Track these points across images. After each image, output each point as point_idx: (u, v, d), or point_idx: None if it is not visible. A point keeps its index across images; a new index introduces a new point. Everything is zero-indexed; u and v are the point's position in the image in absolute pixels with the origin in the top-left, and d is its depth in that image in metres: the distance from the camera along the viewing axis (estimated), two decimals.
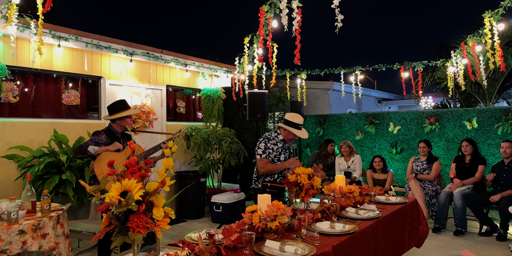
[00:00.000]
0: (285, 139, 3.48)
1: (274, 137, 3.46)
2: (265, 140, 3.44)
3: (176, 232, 5.07)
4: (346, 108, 11.30)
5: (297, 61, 3.79)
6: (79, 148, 3.36)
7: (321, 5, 3.35)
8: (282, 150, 3.47)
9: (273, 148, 3.41)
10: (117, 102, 3.65)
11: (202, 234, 2.13)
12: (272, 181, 3.42)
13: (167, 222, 1.58)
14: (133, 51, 5.59)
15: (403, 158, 6.93)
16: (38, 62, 4.65)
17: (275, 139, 3.44)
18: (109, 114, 3.62)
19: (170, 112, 6.67)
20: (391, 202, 3.28)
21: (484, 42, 4.53)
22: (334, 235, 2.25)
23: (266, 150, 3.38)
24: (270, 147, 3.40)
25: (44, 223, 2.78)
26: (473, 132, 6.22)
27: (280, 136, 3.48)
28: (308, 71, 7.33)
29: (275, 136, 3.47)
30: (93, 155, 3.41)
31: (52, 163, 4.27)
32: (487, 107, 8.15)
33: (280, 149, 3.45)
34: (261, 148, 3.40)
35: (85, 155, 3.39)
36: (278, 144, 3.44)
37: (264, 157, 3.37)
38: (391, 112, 7.32)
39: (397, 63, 6.85)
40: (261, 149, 3.40)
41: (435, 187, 5.30)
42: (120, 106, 3.60)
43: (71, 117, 5.19)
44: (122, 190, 1.48)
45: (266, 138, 3.47)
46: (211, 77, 7.22)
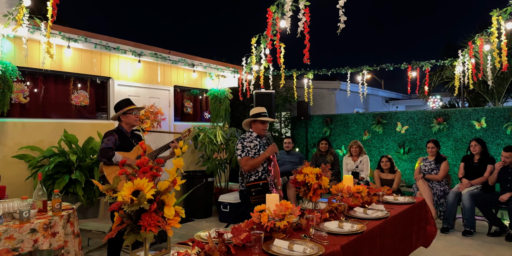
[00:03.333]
0: (258, 133, 3.58)
1: (249, 136, 3.57)
2: (241, 140, 3.56)
3: (184, 231, 5.10)
4: (353, 108, 11.26)
5: (306, 60, 3.80)
6: (105, 153, 3.29)
7: (330, 5, 3.36)
8: (260, 146, 3.56)
9: (250, 146, 3.51)
10: (121, 100, 3.64)
11: (212, 233, 2.16)
12: (257, 179, 3.49)
13: (177, 220, 1.61)
14: (141, 52, 5.64)
15: (410, 158, 6.90)
16: (48, 63, 4.72)
17: (249, 137, 3.56)
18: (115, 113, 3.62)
19: (177, 112, 6.71)
20: (399, 202, 3.28)
21: (492, 41, 4.50)
22: (342, 234, 2.26)
23: (244, 149, 3.49)
24: (247, 145, 3.50)
25: (55, 222, 2.82)
26: (482, 131, 6.17)
27: (253, 133, 3.58)
28: (315, 71, 7.33)
29: (249, 135, 3.58)
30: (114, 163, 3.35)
31: (62, 163, 4.32)
32: (496, 106, 8.08)
33: (258, 146, 3.55)
34: (239, 148, 3.51)
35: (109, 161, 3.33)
36: (254, 142, 3.55)
37: (244, 155, 3.48)
38: (398, 112, 7.29)
39: (404, 63, 6.82)
40: (239, 150, 3.50)
41: (443, 187, 5.27)
42: (124, 103, 3.58)
43: (80, 118, 5.25)
44: (134, 189, 1.51)
45: (241, 138, 3.59)
46: (218, 78, 7.25)
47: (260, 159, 3.45)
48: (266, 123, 3.57)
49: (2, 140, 4.37)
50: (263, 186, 3.43)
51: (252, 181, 3.47)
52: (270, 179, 3.57)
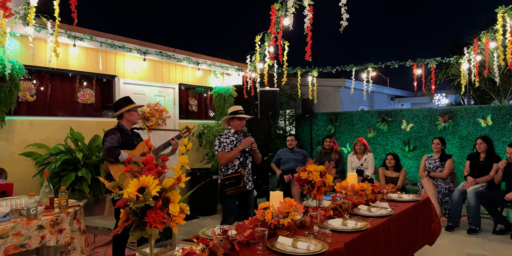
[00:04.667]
0: (235, 129, 3.81)
1: (227, 132, 3.82)
2: (218, 137, 3.82)
3: (189, 228, 5.14)
4: (358, 106, 11.23)
5: (308, 57, 3.81)
6: (112, 152, 3.31)
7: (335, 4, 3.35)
8: (237, 142, 3.78)
9: (226, 142, 3.75)
10: (121, 99, 3.64)
11: (216, 229, 2.18)
12: (234, 172, 3.72)
13: (182, 217, 1.62)
14: (146, 50, 5.67)
15: (415, 156, 6.88)
16: (54, 61, 4.76)
17: (227, 134, 3.80)
18: (114, 111, 3.60)
19: (182, 110, 6.73)
20: (403, 200, 3.28)
21: (497, 38, 4.46)
22: (346, 232, 2.27)
23: (221, 144, 3.74)
24: (223, 141, 3.75)
25: (62, 219, 2.86)
26: (488, 129, 6.14)
27: (231, 130, 3.83)
28: (320, 69, 7.32)
29: (227, 131, 3.83)
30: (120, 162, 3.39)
31: (69, 160, 4.36)
32: (502, 104, 8.03)
33: (234, 141, 3.77)
34: (217, 144, 3.76)
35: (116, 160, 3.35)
36: (231, 138, 3.78)
37: (220, 150, 3.74)
38: (403, 110, 7.27)
39: (410, 60, 6.79)
40: (216, 145, 3.75)
41: (448, 185, 5.26)
42: (126, 101, 3.59)
43: (86, 115, 5.29)
44: (139, 186, 1.52)
45: (219, 135, 3.85)
46: (222, 76, 7.26)
47: (235, 152, 3.68)
48: (243, 119, 3.81)
49: (9, 138, 4.42)
50: (236, 179, 3.68)
51: (229, 174, 3.72)
52: (246, 172, 3.82)
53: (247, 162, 3.85)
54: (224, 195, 3.73)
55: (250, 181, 3.90)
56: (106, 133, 3.45)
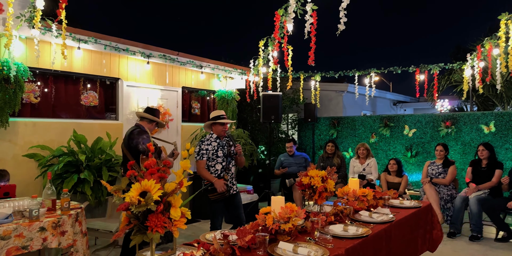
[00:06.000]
0: (218, 134, 3.81)
1: (209, 138, 3.81)
2: (200, 143, 3.80)
3: (190, 232, 5.13)
4: (361, 110, 11.23)
5: (311, 62, 3.83)
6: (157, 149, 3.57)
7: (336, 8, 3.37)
8: (219, 147, 3.78)
9: (207, 149, 3.75)
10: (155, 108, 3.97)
11: (217, 234, 2.18)
12: (217, 177, 3.73)
13: (183, 222, 1.63)
14: (150, 54, 5.69)
15: (418, 162, 6.87)
16: (58, 64, 4.79)
17: (209, 140, 3.79)
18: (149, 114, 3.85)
19: (185, 113, 6.76)
20: (405, 206, 3.27)
21: (500, 45, 4.46)
22: (347, 238, 2.27)
23: (200, 152, 3.74)
24: (204, 148, 3.75)
25: (64, 221, 2.87)
26: (491, 136, 6.13)
27: (213, 135, 3.82)
28: (323, 73, 7.33)
29: (209, 137, 3.82)
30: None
31: (71, 162, 4.38)
32: (505, 110, 8.01)
33: (216, 147, 3.77)
34: (196, 151, 3.77)
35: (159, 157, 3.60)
36: (213, 143, 3.78)
37: (198, 159, 3.75)
38: (406, 115, 7.26)
39: (413, 66, 6.79)
40: (196, 152, 3.77)
41: (451, 192, 5.24)
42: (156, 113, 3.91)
43: (90, 118, 5.32)
44: (141, 190, 1.53)
45: (200, 141, 3.83)
46: (225, 79, 7.29)
47: (208, 177, 3.70)
48: (226, 124, 3.81)
49: (13, 139, 4.45)
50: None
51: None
52: (230, 176, 3.83)
53: (230, 166, 3.86)
54: (208, 200, 3.75)
55: (234, 185, 3.91)
56: (140, 132, 3.60)
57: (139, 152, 3.46)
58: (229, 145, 3.89)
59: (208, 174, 3.73)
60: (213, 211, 3.76)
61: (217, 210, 3.74)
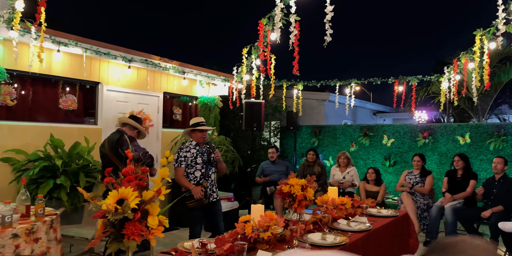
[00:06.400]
0: (197, 141, 3.81)
1: (188, 145, 3.82)
2: (179, 150, 3.82)
3: (168, 239, 5.05)
4: (342, 119, 11.38)
5: (295, 71, 3.88)
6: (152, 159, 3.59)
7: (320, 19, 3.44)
8: (198, 154, 3.78)
9: (186, 156, 3.75)
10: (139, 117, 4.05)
11: (195, 243, 2.16)
12: (195, 184, 3.72)
13: (161, 230, 1.62)
14: (132, 58, 5.64)
15: (396, 171, 6.99)
16: (37, 66, 4.69)
17: (188, 147, 3.80)
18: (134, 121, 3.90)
19: (166, 119, 6.70)
20: (382, 215, 3.32)
21: (475, 60, 4.62)
22: (325, 246, 2.29)
23: (178, 159, 3.75)
24: (182, 155, 3.75)
25: (38, 228, 2.79)
26: (466, 147, 6.30)
27: (193, 142, 3.82)
28: (305, 82, 7.41)
29: (188, 144, 3.82)
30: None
31: (47, 167, 4.27)
32: (480, 123, 8.26)
33: (195, 154, 3.78)
34: (174, 158, 3.78)
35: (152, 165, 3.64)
36: (192, 150, 3.79)
37: (177, 166, 3.75)
38: (385, 125, 7.40)
39: (392, 77, 6.94)
40: (174, 159, 3.78)
41: (427, 201, 5.35)
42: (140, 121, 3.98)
43: (68, 122, 5.21)
44: (118, 197, 1.51)
45: (179, 148, 3.85)
46: (208, 85, 7.28)
47: (186, 184, 3.69)
48: (205, 131, 3.82)
49: None
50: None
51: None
52: (209, 184, 3.81)
53: (210, 173, 3.84)
54: (186, 207, 3.72)
55: (214, 193, 3.89)
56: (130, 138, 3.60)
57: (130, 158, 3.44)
58: (209, 152, 3.88)
59: (186, 181, 3.70)
60: (191, 219, 3.72)
61: (196, 218, 3.71)
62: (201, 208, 3.71)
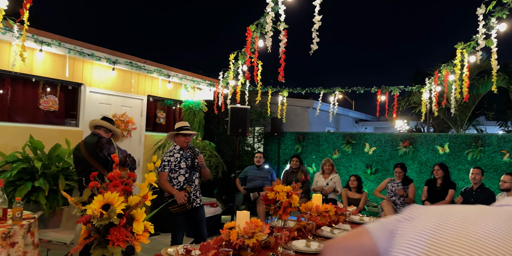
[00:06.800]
0: (180, 145, 3.79)
1: (172, 149, 3.80)
2: (164, 155, 3.78)
3: (149, 245, 4.96)
4: (325, 127, 11.49)
5: (281, 78, 3.90)
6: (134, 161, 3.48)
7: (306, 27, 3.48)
8: (181, 159, 3.76)
9: (169, 160, 3.72)
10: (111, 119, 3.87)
11: (179, 249, 2.13)
12: (179, 189, 3.68)
13: (146, 236, 1.59)
14: (116, 60, 5.57)
15: (377, 179, 7.08)
16: (17, 65, 4.57)
17: (172, 151, 3.79)
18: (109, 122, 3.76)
19: (149, 122, 6.63)
20: (364, 223, 3.35)
21: (456, 72, 4.75)
22: (309, 253, 2.29)
23: (161, 164, 3.71)
24: (166, 159, 3.72)
25: (15, 232, 2.70)
26: (445, 156, 6.44)
27: (176, 146, 3.81)
28: (290, 89, 7.47)
29: (172, 148, 3.80)
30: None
31: (26, 169, 4.15)
32: (458, 133, 8.48)
33: (178, 158, 3.76)
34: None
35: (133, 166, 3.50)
36: (176, 155, 3.77)
37: (160, 170, 3.71)
38: (367, 133, 7.51)
39: (375, 87, 7.07)
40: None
41: None
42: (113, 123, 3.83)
43: (48, 123, 5.09)
44: (104, 202, 1.48)
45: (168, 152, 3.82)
46: (193, 90, 7.25)
47: (169, 189, 3.64)
48: (188, 136, 3.79)
49: None
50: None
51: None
52: (193, 189, 3.78)
53: (194, 178, 3.82)
54: (169, 212, 3.66)
55: (198, 198, 3.85)
56: (108, 141, 3.50)
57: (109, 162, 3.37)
58: (193, 157, 3.85)
59: (169, 186, 3.66)
60: (174, 224, 3.67)
61: (178, 224, 3.66)
62: (184, 214, 3.67)
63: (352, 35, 74.21)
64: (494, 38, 3.60)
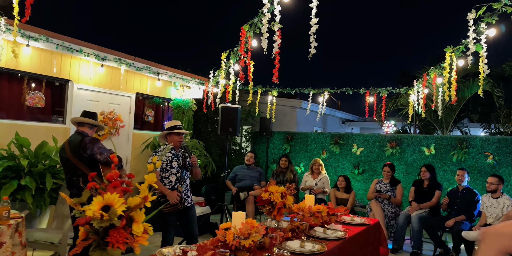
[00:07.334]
0: (174, 145, 3.74)
1: (163, 148, 3.73)
2: (153, 153, 3.72)
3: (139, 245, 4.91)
4: (313, 127, 11.55)
5: (275, 79, 3.89)
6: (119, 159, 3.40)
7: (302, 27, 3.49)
8: (173, 158, 3.74)
9: (161, 159, 3.71)
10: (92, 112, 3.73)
11: (175, 249, 2.11)
12: (170, 188, 3.66)
13: (146, 238, 1.57)
14: (105, 56, 5.48)
15: (364, 179, 7.16)
16: (3, 60, 4.45)
17: (163, 150, 3.70)
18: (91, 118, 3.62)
19: (138, 120, 6.54)
20: (356, 223, 3.38)
21: (444, 75, 4.83)
22: (304, 254, 2.30)
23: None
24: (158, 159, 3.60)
25: (2, 232, 2.64)
26: (431, 157, 6.55)
27: (168, 145, 3.74)
28: (280, 89, 7.48)
29: (163, 147, 3.74)
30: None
31: (11, 167, 4.05)
32: (444, 135, 8.63)
33: (170, 158, 3.76)
34: (149, 161, 3.66)
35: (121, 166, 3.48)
36: (168, 154, 3.76)
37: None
38: (355, 134, 7.58)
39: (363, 88, 7.14)
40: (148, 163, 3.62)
41: (394, 209, 5.51)
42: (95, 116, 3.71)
43: (34, 120, 4.98)
44: (103, 204, 1.45)
45: (154, 152, 3.77)
46: (182, 88, 7.19)
47: (160, 189, 3.60)
48: (181, 135, 3.78)
49: None
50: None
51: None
52: (184, 188, 3.75)
53: (185, 177, 3.80)
54: (160, 212, 3.61)
55: (189, 198, 3.83)
56: (93, 140, 3.40)
57: (95, 162, 3.30)
58: (185, 156, 3.81)
59: (161, 185, 3.63)
60: (165, 224, 3.64)
61: (170, 223, 3.63)
62: (175, 213, 3.64)
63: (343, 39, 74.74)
64: (483, 42, 3.67)
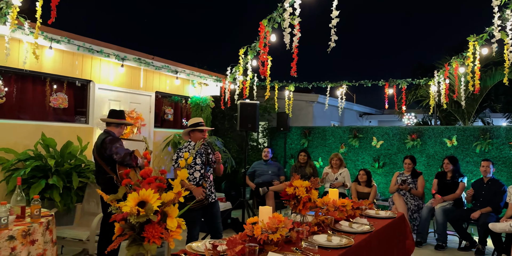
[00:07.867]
0: (196, 141, 3.78)
1: (187, 145, 3.79)
2: (177, 151, 3.78)
3: None
4: (329, 121, 11.47)
5: (293, 73, 3.88)
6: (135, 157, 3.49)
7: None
8: (197, 155, 3.75)
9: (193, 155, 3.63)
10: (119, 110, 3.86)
11: (205, 243, 2.14)
12: (196, 185, 3.69)
13: (179, 232, 1.60)
14: (125, 56, 5.55)
15: (385, 172, 7.09)
16: (27, 63, 4.57)
17: (187, 147, 3.78)
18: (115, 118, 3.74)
19: (158, 118, 6.63)
20: (381, 216, 3.36)
21: (467, 64, 4.72)
22: (332, 248, 2.30)
23: (178, 160, 3.71)
24: (182, 156, 3.72)
25: (34, 229, 2.72)
26: (453, 149, 6.44)
27: (191, 142, 3.80)
28: (297, 84, 7.45)
29: (187, 144, 3.80)
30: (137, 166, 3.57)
31: (39, 167, 4.16)
32: (466, 126, 8.45)
33: (194, 155, 3.70)
34: (174, 158, 3.77)
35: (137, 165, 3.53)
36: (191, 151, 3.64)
37: (176, 166, 3.72)
38: (374, 127, 7.50)
39: (382, 80, 7.04)
40: (173, 160, 3.77)
41: (417, 202, 5.44)
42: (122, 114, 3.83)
43: (58, 120, 5.09)
44: (139, 200, 1.49)
45: (178, 149, 3.80)
46: (200, 85, 7.23)
47: (186, 185, 3.59)
48: (205, 132, 3.79)
49: None
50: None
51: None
52: (208, 184, 3.79)
53: (209, 174, 3.84)
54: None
55: (213, 193, 3.87)
56: (112, 140, 3.52)
57: (114, 161, 3.42)
58: (208, 153, 3.85)
59: (186, 182, 3.67)
60: (190, 220, 3.68)
61: (195, 219, 3.67)
62: (200, 209, 3.68)
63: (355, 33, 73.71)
64: (509, 30, 3.57)
